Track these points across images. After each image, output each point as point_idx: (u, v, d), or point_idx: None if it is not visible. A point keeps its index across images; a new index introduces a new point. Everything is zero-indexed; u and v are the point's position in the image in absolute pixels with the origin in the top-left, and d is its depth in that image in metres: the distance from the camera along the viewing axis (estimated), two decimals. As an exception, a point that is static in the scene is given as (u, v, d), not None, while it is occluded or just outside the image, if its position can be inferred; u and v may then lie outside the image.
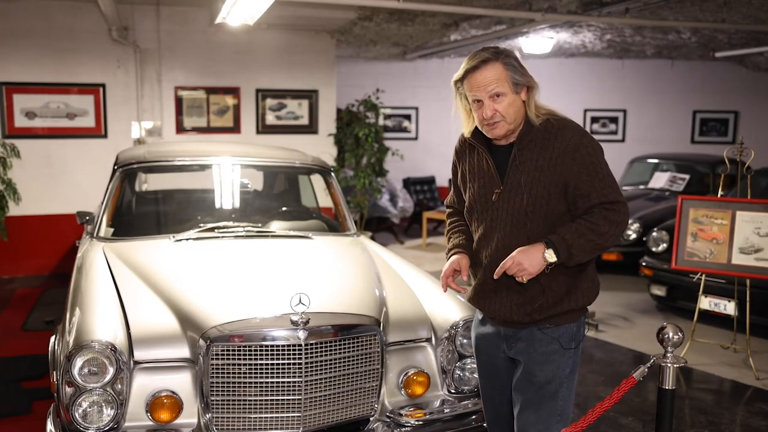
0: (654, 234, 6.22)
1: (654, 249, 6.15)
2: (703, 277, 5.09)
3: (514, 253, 2.10)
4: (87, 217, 4.19)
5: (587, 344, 5.41)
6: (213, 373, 2.44)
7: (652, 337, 2.93)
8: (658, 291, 6.06)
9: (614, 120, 11.71)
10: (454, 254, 2.34)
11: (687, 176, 8.43)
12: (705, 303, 5.16)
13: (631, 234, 7.27)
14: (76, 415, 2.38)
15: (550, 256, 2.07)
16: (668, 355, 2.60)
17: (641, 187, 8.75)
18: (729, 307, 5.07)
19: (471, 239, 2.33)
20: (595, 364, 4.99)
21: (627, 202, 2.16)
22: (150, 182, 5.88)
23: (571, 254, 2.07)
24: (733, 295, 5.03)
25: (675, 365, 2.58)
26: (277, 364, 2.46)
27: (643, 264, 6.17)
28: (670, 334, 2.59)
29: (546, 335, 2.18)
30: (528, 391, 2.21)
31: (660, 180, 8.60)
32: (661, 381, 2.61)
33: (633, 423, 3.90)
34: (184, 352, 2.52)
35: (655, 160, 9.09)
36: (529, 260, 2.07)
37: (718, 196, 5.02)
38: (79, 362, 2.39)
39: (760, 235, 4.72)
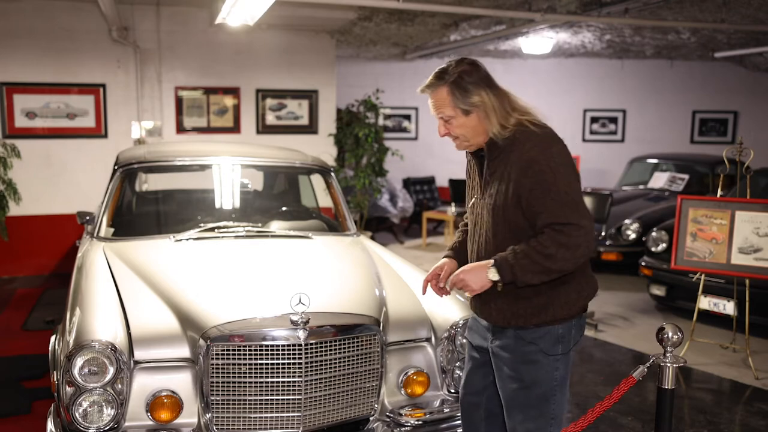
0: (653, 234, 6.22)
1: (653, 249, 6.15)
2: (703, 277, 5.10)
3: (461, 268, 2.15)
4: (87, 217, 4.19)
5: (587, 344, 5.41)
6: (213, 372, 2.45)
7: (652, 337, 2.93)
8: (658, 291, 6.07)
9: (614, 120, 11.72)
10: (444, 257, 2.42)
11: (686, 176, 8.43)
12: (704, 303, 5.16)
13: (631, 234, 7.28)
14: (77, 414, 2.38)
15: (493, 275, 2.07)
16: (668, 354, 2.60)
17: (641, 187, 8.76)
18: (728, 307, 5.08)
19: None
20: (594, 363, 5.00)
21: (586, 224, 2.01)
22: (150, 182, 5.89)
23: (515, 275, 2.04)
24: (733, 295, 5.04)
25: (674, 365, 2.59)
26: (277, 363, 2.46)
27: (643, 264, 6.17)
28: (670, 334, 2.59)
29: (527, 335, 2.15)
30: (508, 390, 2.20)
31: (659, 180, 8.61)
32: (661, 381, 2.62)
33: (633, 423, 3.90)
34: (184, 351, 2.52)
35: (655, 160, 9.10)
36: (473, 278, 2.10)
37: (718, 196, 5.02)
38: (79, 362, 2.40)
39: (759, 235, 4.73)
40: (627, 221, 7.36)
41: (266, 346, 2.45)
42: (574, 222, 2.00)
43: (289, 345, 2.46)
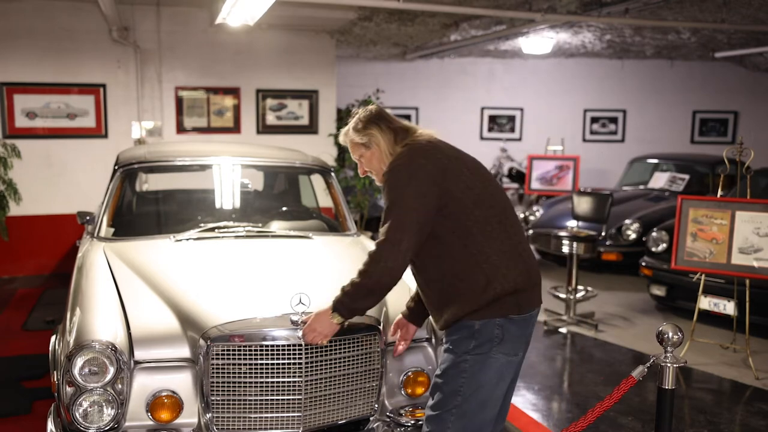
0: (654, 234, 6.22)
1: (654, 249, 6.15)
2: (703, 277, 5.10)
3: (310, 320, 2.36)
4: (87, 217, 4.19)
5: (587, 344, 5.42)
6: (213, 373, 2.45)
7: (652, 337, 2.94)
8: (658, 291, 6.07)
9: (614, 120, 11.72)
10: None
11: (687, 176, 8.43)
12: (704, 303, 5.16)
13: (631, 234, 7.29)
14: (77, 414, 2.38)
15: (335, 318, 2.29)
16: (668, 354, 2.60)
17: (641, 187, 8.76)
18: (728, 307, 5.07)
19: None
20: (594, 363, 5.00)
21: (393, 243, 2.15)
22: (150, 182, 5.89)
23: (348, 307, 2.25)
24: (733, 295, 5.04)
25: (674, 365, 2.59)
26: (278, 363, 2.46)
27: (643, 264, 6.17)
28: (670, 334, 2.59)
29: (447, 332, 2.27)
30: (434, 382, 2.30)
31: (660, 180, 8.61)
32: (661, 381, 2.62)
33: (633, 423, 3.90)
34: (184, 351, 2.52)
35: (655, 160, 9.10)
36: (320, 324, 2.32)
37: (718, 196, 5.02)
38: (79, 362, 2.40)
39: (759, 235, 4.73)
40: (627, 221, 7.36)
41: (266, 346, 2.45)
42: (385, 237, 2.18)
43: (289, 345, 2.46)
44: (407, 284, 3.18)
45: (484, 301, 2.16)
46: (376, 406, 2.69)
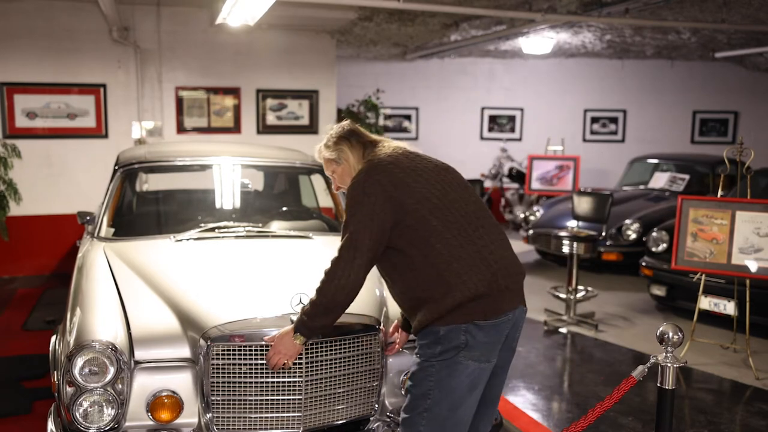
0: (654, 234, 6.22)
1: (654, 249, 6.15)
2: (703, 277, 5.10)
3: (274, 343, 2.38)
4: (88, 217, 4.19)
5: (587, 344, 5.42)
6: (213, 373, 2.45)
7: (652, 337, 2.94)
8: (658, 291, 6.07)
9: (614, 120, 11.71)
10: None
11: (687, 176, 8.43)
12: (705, 303, 5.16)
13: (631, 234, 7.29)
14: (77, 414, 2.38)
15: (297, 338, 2.32)
16: (668, 355, 2.60)
17: (641, 187, 8.76)
18: (729, 307, 5.08)
19: None
20: (595, 363, 5.00)
21: (346, 261, 2.19)
22: (150, 182, 5.89)
23: (306, 326, 2.29)
24: (733, 295, 5.04)
25: (675, 365, 2.59)
26: (278, 363, 2.46)
27: (643, 264, 6.17)
28: (670, 334, 2.60)
29: (418, 337, 2.27)
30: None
31: (660, 180, 8.61)
32: (661, 381, 2.62)
33: (633, 423, 3.90)
34: (184, 352, 2.52)
35: (655, 160, 9.10)
36: (283, 347, 2.34)
37: (718, 196, 5.03)
38: (79, 362, 2.40)
39: (759, 235, 4.73)
40: (627, 221, 7.36)
41: (267, 346, 2.45)
42: (338, 255, 2.22)
43: (289, 345, 2.45)
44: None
45: (446, 308, 2.16)
46: (377, 406, 2.69)
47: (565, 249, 5.84)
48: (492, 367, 2.27)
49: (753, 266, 4.73)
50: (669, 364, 2.59)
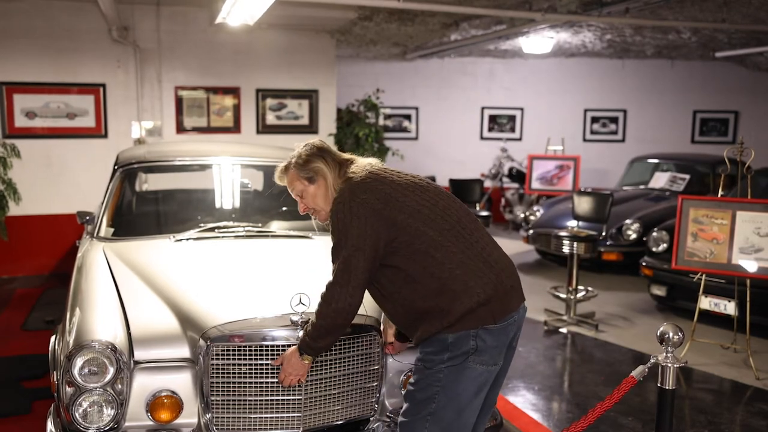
0: (654, 234, 6.22)
1: (654, 249, 6.15)
2: (703, 277, 5.09)
3: (283, 364, 2.38)
4: (87, 217, 4.19)
5: (587, 344, 5.41)
6: (213, 373, 2.44)
7: (652, 337, 2.93)
8: (658, 291, 6.06)
9: (614, 120, 11.71)
10: None
11: (687, 176, 8.43)
12: (705, 303, 5.16)
13: (632, 234, 7.28)
14: (77, 414, 2.38)
15: (305, 358, 2.33)
16: (668, 355, 2.60)
17: (641, 187, 8.75)
18: (729, 307, 5.07)
19: None
20: (595, 364, 5.00)
21: (341, 285, 2.17)
22: (150, 182, 5.88)
23: (310, 346, 2.28)
24: (733, 295, 5.03)
25: (675, 365, 2.59)
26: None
27: (644, 264, 6.17)
28: (670, 334, 2.59)
29: (421, 346, 2.25)
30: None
31: (660, 180, 8.61)
32: (661, 381, 2.62)
33: (633, 423, 3.90)
34: (184, 351, 2.52)
35: (656, 160, 9.10)
36: (292, 368, 2.35)
37: (719, 196, 5.02)
38: (79, 362, 2.39)
39: (760, 235, 4.72)
40: (628, 221, 7.36)
41: (266, 346, 2.45)
42: (333, 281, 2.19)
43: (289, 345, 2.45)
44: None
45: (455, 316, 2.13)
46: (377, 406, 2.68)
47: (565, 249, 5.83)
48: (498, 369, 2.26)
49: (753, 266, 4.73)
50: (669, 364, 2.59)
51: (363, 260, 2.16)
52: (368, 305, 2.76)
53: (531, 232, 8.01)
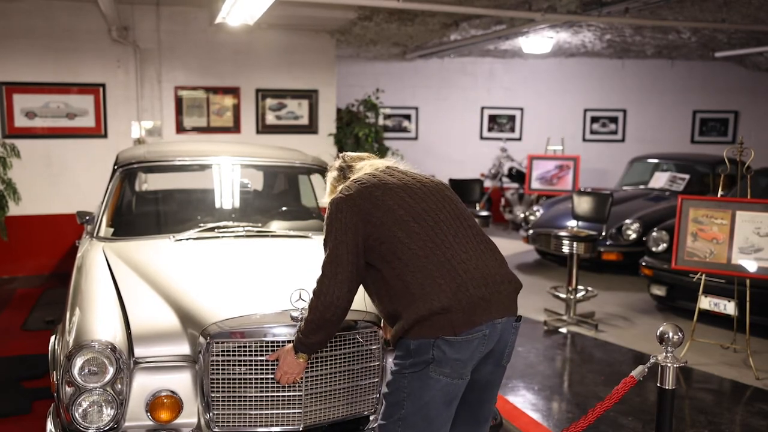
0: (654, 234, 6.22)
1: (654, 249, 6.15)
2: (703, 277, 5.09)
3: (280, 361, 2.40)
4: (87, 217, 4.19)
5: (587, 344, 5.42)
6: (213, 370, 2.44)
7: (652, 337, 2.93)
8: (658, 291, 6.06)
9: (614, 120, 11.71)
10: None
11: (687, 176, 8.43)
12: (705, 303, 5.16)
13: (632, 234, 7.28)
14: (76, 414, 2.38)
15: (300, 357, 2.35)
16: (668, 355, 2.60)
17: (641, 187, 8.75)
18: (729, 307, 5.07)
19: None
20: (595, 363, 5.00)
21: (329, 277, 2.22)
22: (150, 182, 5.88)
23: (303, 343, 2.31)
24: (733, 295, 5.03)
25: (675, 365, 2.59)
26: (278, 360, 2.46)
27: (643, 264, 6.17)
28: (670, 334, 2.59)
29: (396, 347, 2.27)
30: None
31: (660, 180, 8.61)
32: (661, 381, 2.62)
33: (633, 423, 3.90)
34: (184, 349, 2.52)
35: (655, 160, 9.10)
36: (288, 366, 2.37)
37: (718, 196, 5.02)
38: (79, 362, 2.39)
39: (760, 235, 4.72)
40: (627, 221, 7.36)
41: (267, 342, 2.45)
42: (323, 273, 2.24)
43: (289, 341, 2.45)
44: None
45: (409, 321, 2.12)
46: (377, 403, 2.68)
47: (565, 249, 5.83)
48: (466, 384, 2.21)
49: (753, 266, 4.73)
50: (669, 364, 2.59)
51: (346, 252, 2.20)
52: (369, 302, 2.77)
53: (531, 232, 8.01)
